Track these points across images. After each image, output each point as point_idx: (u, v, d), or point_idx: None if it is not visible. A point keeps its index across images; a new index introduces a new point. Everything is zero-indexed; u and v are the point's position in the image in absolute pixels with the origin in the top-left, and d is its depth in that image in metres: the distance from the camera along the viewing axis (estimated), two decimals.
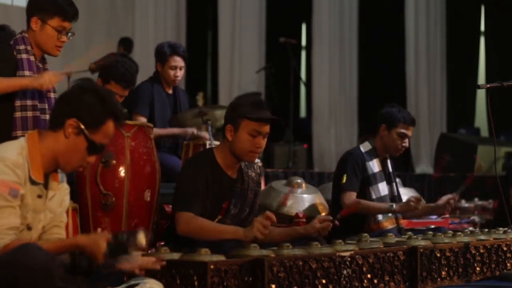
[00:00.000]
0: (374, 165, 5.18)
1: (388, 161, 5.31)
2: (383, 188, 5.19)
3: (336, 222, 4.19)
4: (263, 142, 4.01)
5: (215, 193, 4.00)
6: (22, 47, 4.04)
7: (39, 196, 3.01)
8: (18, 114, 3.95)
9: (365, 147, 5.24)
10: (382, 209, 5.07)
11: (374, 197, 5.12)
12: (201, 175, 3.96)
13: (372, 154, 5.20)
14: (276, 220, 3.75)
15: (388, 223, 5.11)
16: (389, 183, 5.28)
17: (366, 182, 5.14)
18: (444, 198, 5.25)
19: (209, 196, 3.97)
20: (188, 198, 3.91)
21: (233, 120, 4.02)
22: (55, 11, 4.04)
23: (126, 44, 10.10)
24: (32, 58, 4.06)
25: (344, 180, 5.09)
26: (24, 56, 4.03)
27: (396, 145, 5.17)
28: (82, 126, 2.94)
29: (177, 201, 4.00)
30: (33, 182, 2.97)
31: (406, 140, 5.18)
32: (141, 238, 2.94)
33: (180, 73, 5.91)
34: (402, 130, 5.15)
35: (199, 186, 3.93)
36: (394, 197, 5.29)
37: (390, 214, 5.12)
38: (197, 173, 3.96)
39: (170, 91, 5.97)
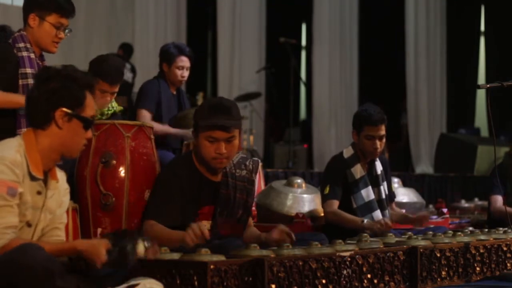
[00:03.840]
0: (356, 171, 5.04)
1: (376, 163, 5.15)
2: (367, 193, 5.04)
3: (293, 238, 3.92)
4: (227, 147, 3.81)
5: (194, 198, 3.88)
6: (21, 44, 4.04)
7: (39, 193, 3.01)
8: (22, 113, 3.95)
9: (347, 152, 5.10)
10: (354, 223, 4.86)
11: (355, 206, 5.00)
12: (174, 182, 3.83)
13: (355, 159, 5.06)
14: (207, 235, 3.49)
15: None
16: (376, 186, 5.11)
17: (347, 190, 5.02)
18: (417, 214, 5.27)
19: (187, 202, 3.84)
20: (154, 207, 3.84)
21: (193, 125, 3.93)
22: (52, 8, 4.04)
23: (126, 49, 10.12)
24: (32, 55, 4.06)
25: (327, 191, 5.01)
26: (24, 53, 4.03)
27: (368, 149, 5.02)
28: (70, 111, 2.99)
29: (145, 210, 3.96)
30: (32, 178, 2.97)
31: (377, 141, 4.98)
32: (141, 248, 2.95)
33: (186, 73, 5.87)
34: (369, 133, 4.98)
35: (169, 194, 3.81)
36: (381, 200, 5.11)
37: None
38: (170, 181, 3.85)
39: (174, 92, 5.95)
